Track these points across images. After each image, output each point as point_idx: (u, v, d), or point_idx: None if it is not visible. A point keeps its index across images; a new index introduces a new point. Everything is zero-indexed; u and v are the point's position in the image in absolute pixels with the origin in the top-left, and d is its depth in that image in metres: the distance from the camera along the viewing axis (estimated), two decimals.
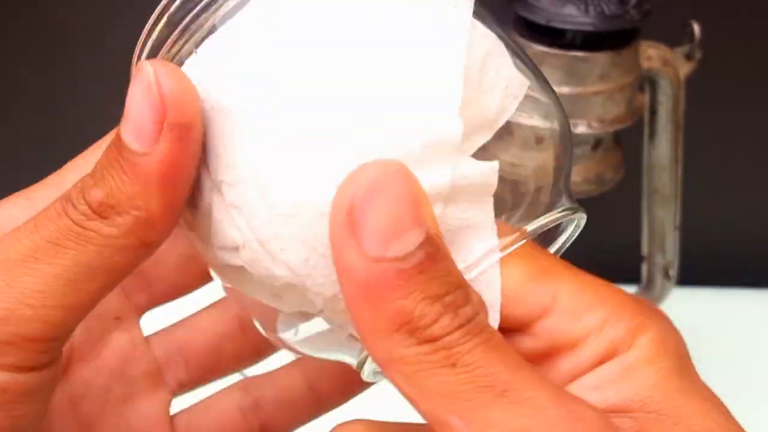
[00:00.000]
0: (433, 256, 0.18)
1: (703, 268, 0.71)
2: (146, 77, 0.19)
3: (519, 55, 0.23)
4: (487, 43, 0.23)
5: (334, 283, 0.19)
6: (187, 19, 0.21)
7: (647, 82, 0.53)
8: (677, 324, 0.26)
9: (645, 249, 0.61)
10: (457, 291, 0.18)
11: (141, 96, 0.19)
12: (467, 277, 0.20)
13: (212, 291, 0.27)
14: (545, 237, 0.23)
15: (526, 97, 0.23)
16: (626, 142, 0.55)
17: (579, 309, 0.21)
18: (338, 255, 0.18)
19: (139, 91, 0.20)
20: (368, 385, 0.25)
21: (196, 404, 0.29)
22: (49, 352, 0.21)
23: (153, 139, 0.20)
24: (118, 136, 0.20)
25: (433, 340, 0.18)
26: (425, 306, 0.18)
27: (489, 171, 0.21)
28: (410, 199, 0.18)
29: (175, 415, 0.29)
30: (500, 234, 0.21)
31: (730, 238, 0.74)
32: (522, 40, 0.49)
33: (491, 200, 0.21)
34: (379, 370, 0.21)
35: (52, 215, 0.21)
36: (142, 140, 0.20)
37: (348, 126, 0.19)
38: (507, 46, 0.23)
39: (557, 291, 0.21)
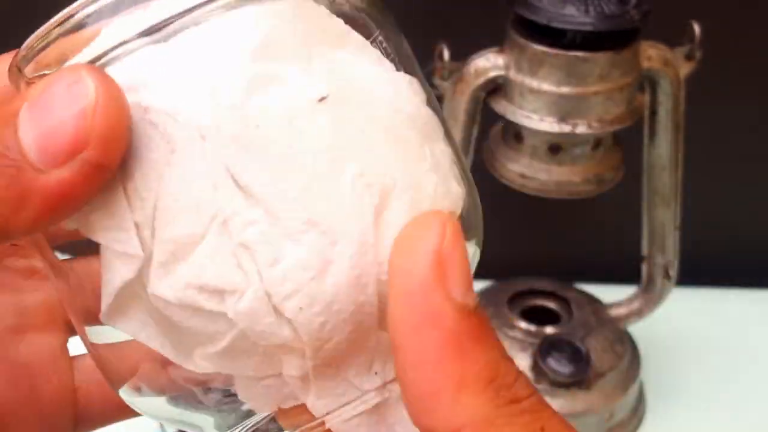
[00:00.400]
0: (486, 316, 0.18)
1: (703, 268, 0.71)
2: (86, 95, 0.17)
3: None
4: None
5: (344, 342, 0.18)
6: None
7: (647, 82, 0.53)
8: (677, 324, 0.26)
9: (645, 249, 0.61)
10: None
11: (70, 114, 0.17)
12: None
13: None
14: None
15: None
16: (626, 142, 0.55)
17: None
18: (424, 302, 0.17)
19: (69, 106, 0.17)
20: None
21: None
22: None
23: (56, 163, 0.17)
24: (15, 137, 0.17)
25: (518, 401, 0.17)
26: (506, 363, 0.17)
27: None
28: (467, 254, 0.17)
29: (77, 356, 0.26)
30: None
31: (730, 238, 0.74)
32: (522, 40, 0.49)
33: None
34: None
35: None
36: (44, 157, 0.17)
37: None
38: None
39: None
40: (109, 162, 0.17)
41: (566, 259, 0.72)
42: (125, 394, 0.22)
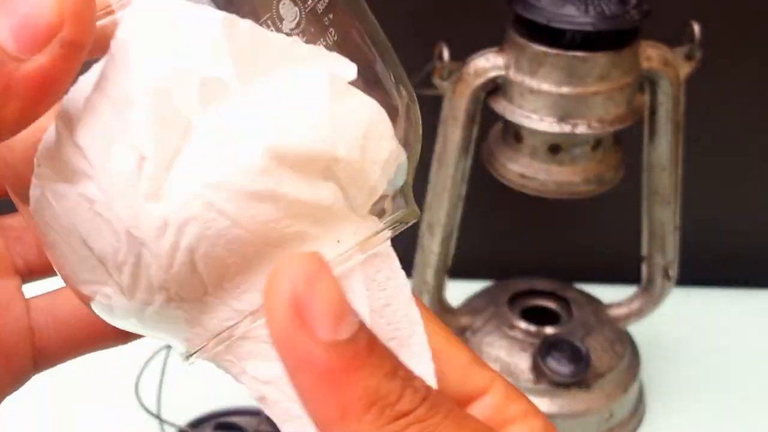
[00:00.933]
0: (371, 335, 0.18)
1: (702, 269, 0.71)
2: None
3: None
4: (367, 112, 0.21)
5: None
6: None
7: (647, 82, 0.53)
8: (677, 324, 0.26)
9: (645, 249, 0.61)
10: (401, 366, 0.18)
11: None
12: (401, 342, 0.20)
13: None
14: None
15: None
16: (626, 142, 0.55)
17: (511, 395, 0.22)
18: (291, 350, 0.17)
19: None
20: None
21: (53, 291, 0.27)
22: None
23: (35, 48, 0.17)
24: None
25: (405, 415, 0.18)
26: (387, 382, 0.18)
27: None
28: (337, 284, 0.18)
29: (32, 298, 0.27)
30: None
31: (730, 238, 0.74)
32: (522, 40, 0.49)
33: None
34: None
35: None
36: (22, 45, 0.17)
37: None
38: None
39: (494, 377, 0.22)
40: (84, 39, 0.17)
41: (566, 259, 0.72)
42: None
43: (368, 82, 0.22)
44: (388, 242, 0.21)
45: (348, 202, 0.20)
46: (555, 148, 0.52)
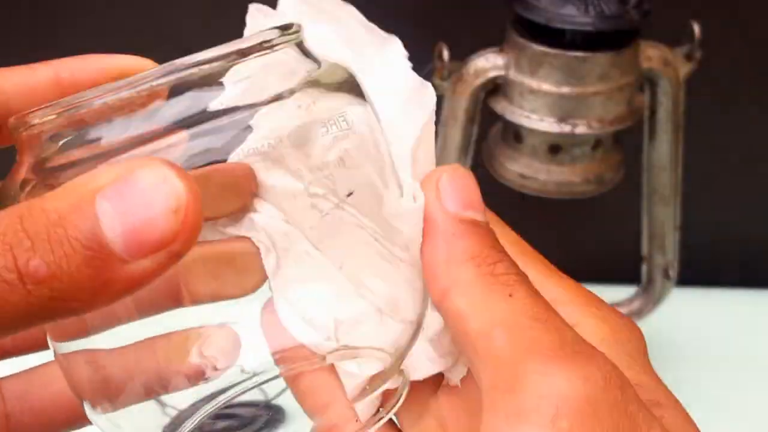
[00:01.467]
0: (490, 231, 0.24)
1: (702, 269, 0.71)
2: (177, 195, 0.18)
3: None
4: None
5: None
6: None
7: (647, 82, 0.53)
8: (677, 324, 0.26)
9: (645, 249, 0.61)
10: (507, 256, 0.24)
11: (161, 211, 0.18)
12: None
13: None
14: None
15: None
16: (626, 142, 0.55)
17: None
18: (431, 217, 0.23)
19: (160, 204, 0.18)
20: None
21: (27, 371, 0.27)
22: None
23: (142, 255, 0.18)
24: (97, 230, 0.18)
25: (495, 274, 0.23)
26: (491, 251, 0.23)
27: None
28: (476, 185, 0.24)
29: (7, 380, 0.27)
30: None
31: (730, 238, 0.74)
32: (522, 40, 0.49)
33: None
34: None
35: None
36: (131, 251, 0.18)
37: None
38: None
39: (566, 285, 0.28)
40: (187, 250, 0.18)
41: (566, 259, 0.72)
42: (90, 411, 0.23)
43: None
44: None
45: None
46: (555, 148, 0.52)
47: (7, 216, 0.18)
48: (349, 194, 0.22)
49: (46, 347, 0.23)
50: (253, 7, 0.26)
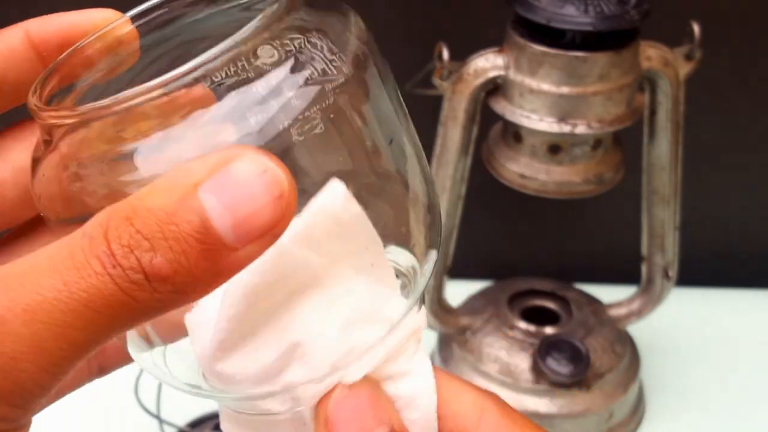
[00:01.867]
0: None
1: (702, 269, 0.71)
2: (280, 183, 0.19)
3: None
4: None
5: None
6: None
7: (647, 82, 0.53)
8: (677, 324, 0.26)
9: (644, 249, 0.61)
10: None
11: (267, 201, 0.19)
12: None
13: None
14: None
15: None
16: (626, 142, 0.55)
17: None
18: None
19: (265, 194, 0.19)
20: None
21: None
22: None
23: (250, 241, 0.19)
24: (208, 224, 0.18)
25: None
26: None
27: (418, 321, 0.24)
28: (373, 402, 0.22)
29: None
30: None
31: (730, 238, 0.74)
32: (522, 40, 0.49)
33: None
34: None
35: (83, 266, 0.18)
36: (240, 239, 0.19)
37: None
38: None
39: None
40: (285, 229, 0.19)
41: (566, 259, 0.72)
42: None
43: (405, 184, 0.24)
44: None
45: None
46: (555, 148, 0.52)
47: (111, 219, 0.18)
48: None
49: None
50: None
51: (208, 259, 0.18)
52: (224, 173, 0.18)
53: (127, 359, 0.26)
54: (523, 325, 0.61)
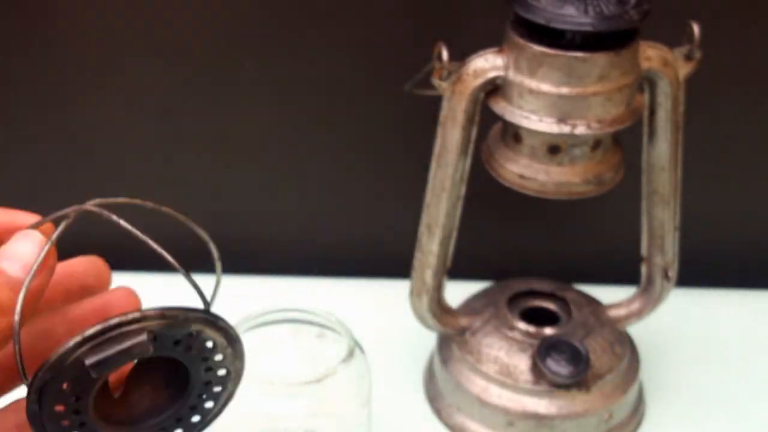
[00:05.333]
0: None
1: (702, 269, 0.71)
2: (38, 239, 0.30)
3: None
4: None
5: None
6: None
7: (647, 82, 0.53)
8: (677, 324, 0.25)
9: (644, 250, 0.61)
10: None
11: (33, 248, 0.29)
12: None
13: None
14: None
15: None
16: (625, 143, 0.55)
17: None
18: None
19: (31, 246, 0.29)
20: None
21: None
22: None
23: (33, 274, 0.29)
24: (4, 273, 0.29)
25: None
26: None
27: None
28: None
29: None
30: None
31: (730, 239, 0.74)
32: (521, 41, 0.49)
33: None
34: None
35: None
36: (26, 271, 0.29)
37: None
38: None
39: None
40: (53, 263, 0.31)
41: (565, 260, 0.72)
42: None
43: None
44: None
45: None
46: (554, 148, 0.52)
47: None
48: None
49: None
50: None
51: (14, 291, 0.28)
52: (9, 246, 0.30)
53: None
54: (522, 325, 0.60)
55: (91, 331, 0.28)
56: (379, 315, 0.70)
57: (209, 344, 0.30)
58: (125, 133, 0.70)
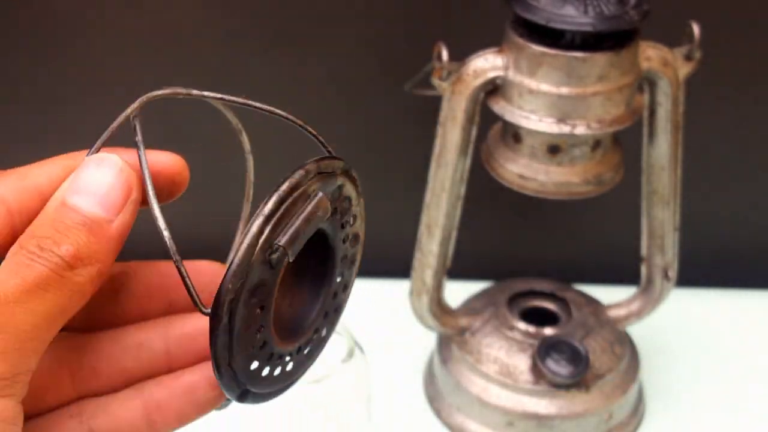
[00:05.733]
0: None
1: (702, 269, 0.71)
2: (115, 164, 0.26)
3: None
4: None
5: None
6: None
7: (646, 82, 0.53)
8: (677, 324, 0.26)
9: (644, 250, 0.61)
10: None
11: (112, 177, 0.26)
12: None
13: None
14: None
15: None
16: (625, 143, 0.55)
17: None
18: None
19: (109, 173, 0.26)
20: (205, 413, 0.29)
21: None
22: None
23: (118, 211, 0.25)
24: (81, 212, 0.25)
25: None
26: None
27: None
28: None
29: None
30: None
31: (730, 239, 0.74)
32: (521, 41, 0.49)
33: None
34: None
35: (23, 261, 0.24)
36: (112, 211, 0.25)
37: None
38: None
39: None
40: (141, 195, 0.26)
41: (565, 260, 0.72)
42: None
43: None
44: None
45: None
46: (554, 148, 0.52)
47: (23, 240, 0.25)
48: None
49: None
50: None
51: (95, 234, 0.25)
52: (77, 177, 0.26)
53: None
54: (522, 325, 0.60)
55: (269, 206, 0.23)
56: (379, 315, 0.70)
57: (347, 203, 0.27)
58: (125, 133, 0.70)
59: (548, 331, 0.60)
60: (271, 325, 0.25)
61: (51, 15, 0.64)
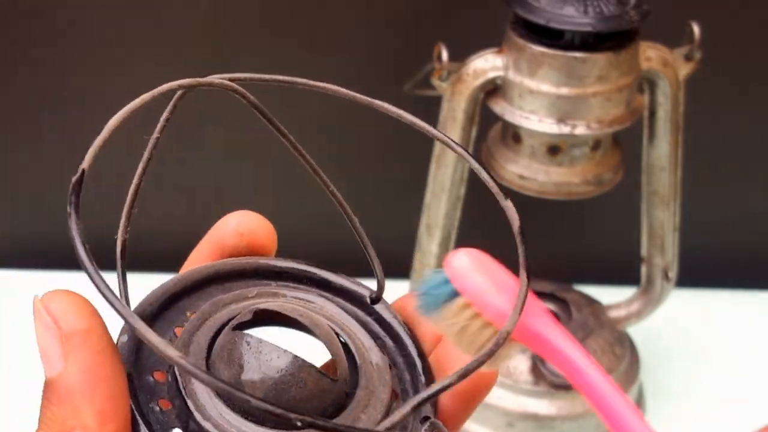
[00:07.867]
0: None
1: (702, 270, 0.71)
2: (38, 311, 0.20)
3: None
4: None
5: None
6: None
7: (646, 82, 0.53)
8: (677, 325, 0.26)
9: (644, 250, 0.61)
10: None
11: (41, 328, 0.20)
12: None
13: None
14: None
15: None
16: (625, 143, 0.55)
17: None
18: None
19: (40, 327, 0.20)
20: None
21: None
22: None
23: (61, 358, 0.19)
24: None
25: None
26: None
27: None
28: None
29: None
30: None
31: (730, 239, 0.74)
32: (521, 41, 0.49)
33: None
34: None
35: None
36: (53, 363, 0.19)
37: None
38: None
39: None
40: (85, 323, 0.21)
41: (565, 261, 0.72)
42: None
43: None
44: None
45: None
46: (554, 149, 0.52)
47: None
48: None
49: None
50: None
51: (53, 401, 0.20)
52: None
53: None
54: None
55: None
56: None
57: None
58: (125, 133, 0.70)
59: None
60: None
61: (51, 15, 0.64)
